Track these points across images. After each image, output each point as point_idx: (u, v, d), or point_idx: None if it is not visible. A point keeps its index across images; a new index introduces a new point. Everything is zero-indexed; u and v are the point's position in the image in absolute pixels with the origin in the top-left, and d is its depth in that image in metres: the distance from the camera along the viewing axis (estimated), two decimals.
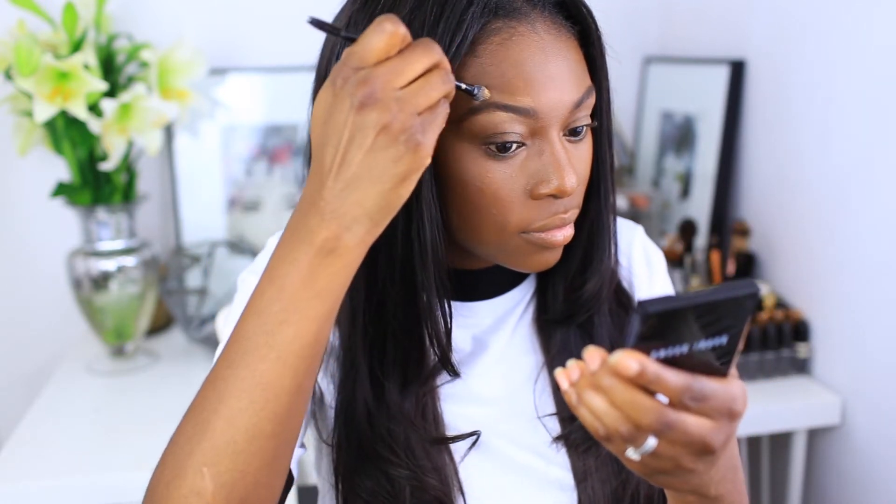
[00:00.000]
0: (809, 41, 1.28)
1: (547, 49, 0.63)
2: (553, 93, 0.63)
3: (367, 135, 0.51)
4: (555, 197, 0.65)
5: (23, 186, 1.57)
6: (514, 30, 0.62)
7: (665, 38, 1.75)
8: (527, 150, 0.64)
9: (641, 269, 0.82)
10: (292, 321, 0.55)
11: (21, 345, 1.61)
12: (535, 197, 0.64)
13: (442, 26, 0.61)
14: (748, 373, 1.30)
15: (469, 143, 0.63)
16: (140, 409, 1.28)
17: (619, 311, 0.78)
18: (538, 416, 0.74)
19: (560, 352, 0.75)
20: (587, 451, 0.73)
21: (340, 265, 0.55)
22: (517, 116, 0.62)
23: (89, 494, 1.09)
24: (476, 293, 0.75)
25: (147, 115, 1.33)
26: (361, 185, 0.53)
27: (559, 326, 0.76)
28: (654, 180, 1.69)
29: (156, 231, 1.64)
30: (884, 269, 1.16)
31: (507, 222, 0.65)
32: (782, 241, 1.37)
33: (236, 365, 0.56)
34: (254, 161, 1.60)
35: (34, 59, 1.25)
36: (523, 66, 0.62)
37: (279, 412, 0.56)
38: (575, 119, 0.65)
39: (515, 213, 0.65)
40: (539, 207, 0.65)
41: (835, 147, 1.23)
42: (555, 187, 0.64)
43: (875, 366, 1.19)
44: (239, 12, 1.61)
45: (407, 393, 0.70)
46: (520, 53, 0.62)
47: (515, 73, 0.62)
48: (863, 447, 1.22)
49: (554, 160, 0.64)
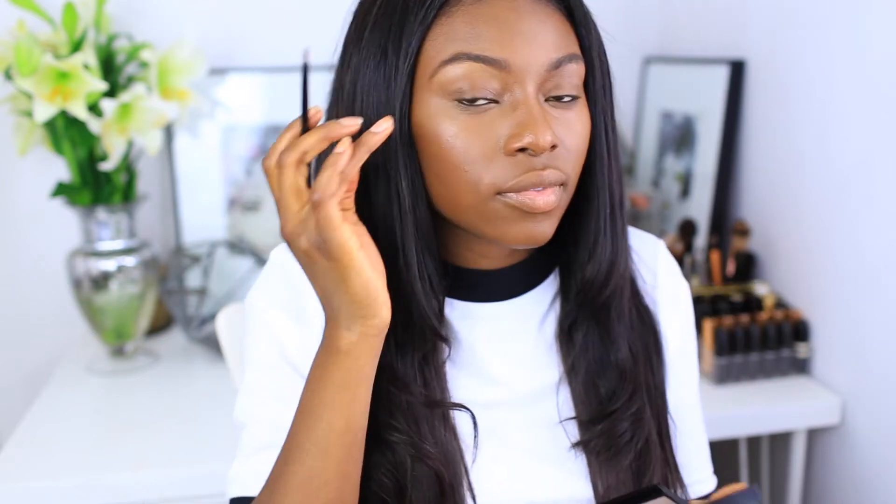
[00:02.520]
0: (809, 41, 1.28)
1: (521, 9, 0.64)
2: (526, 48, 0.63)
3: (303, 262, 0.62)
4: (529, 154, 0.63)
5: (23, 186, 1.57)
6: None
7: (665, 38, 1.75)
8: (500, 107, 0.64)
9: (667, 286, 0.80)
10: (324, 416, 0.63)
11: (21, 345, 1.61)
12: (508, 152, 0.63)
13: None
14: (748, 373, 1.30)
15: (441, 99, 0.64)
16: (140, 409, 1.28)
17: (640, 326, 0.77)
18: (560, 420, 0.74)
19: (581, 355, 0.74)
20: (608, 462, 0.72)
21: (350, 359, 0.62)
22: (488, 67, 0.62)
23: (89, 494, 1.08)
24: (492, 294, 0.74)
25: (147, 115, 1.33)
26: (328, 297, 0.62)
27: (577, 329, 0.74)
28: (654, 180, 1.69)
29: (156, 231, 1.64)
30: (884, 270, 1.16)
31: (480, 180, 0.64)
32: (782, 241, 1.38)
33: (290, 461, 0.64)
34: (254, 161, 1.60)
35: (34, 59, 1.25)
36: (496, 20, 0.63)
37: (330, 499, 0.64)
38: (557, 84, 0.65)
39: (488, 171, 0.64)
40: (513, 165, 0.64)
41: (835, 147, 1.24)
42: (527, 141, 0.62)
43: (875, 366, 1.19)
44: (239, 12, 1.61)
45: (402, 355, 0.70)
46: (491, 10, 0.63)
47: (487, 27, 0.63)
48: (863, 447, 1.22)
49: (527, 112, 0.63)
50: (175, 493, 1.10)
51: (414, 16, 0.63)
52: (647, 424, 0.74)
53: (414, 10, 0.64)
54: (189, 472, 1.10)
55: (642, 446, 0.73)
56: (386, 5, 0.66)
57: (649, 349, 0.77)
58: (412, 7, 0.64)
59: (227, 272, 1.57)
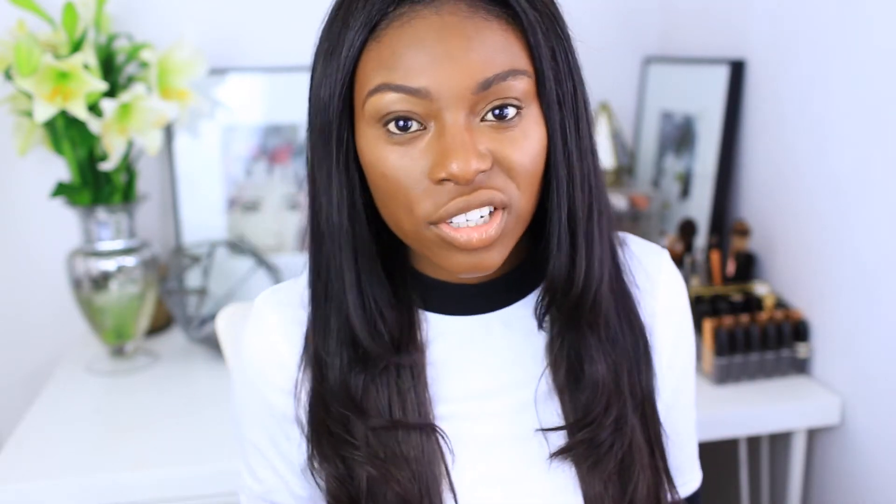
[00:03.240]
0: (809, 41, 1.28)
1: (448, 28, 0.61)
2: (447, 72, 0.60)
3: None
4: (455, 183, 0.61)
5: (23, 186, 1.57)
6: (416, 13, 0.62)
7: (665, 38, 1.75)
8: (427, 133, 0.62)
9: (668, 297, 0.79)
10: None
11: (21, 345, 1.61)
12: (434, 181, 0.62)
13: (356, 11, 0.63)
14: (748, 373, 1.30)
15: (372, 128, 0.63)
16: (140, 409, 1.28)
17: (627, 333, 0.75)
18: (541, 428, 0.73)
19: (558, 366, 0.74)
20: (592, 467, 0.72)
21: None
22: (408, 97, 0.61)
23: (89, 494, 1.08)
24: (476, 307, 0.74)
25: (147, 115, 1.33)
26: None
27: (557, 341, 0.74)
28: (654, 180, 1.69)
29: (156, 231, 1.64)
30: (884, 270, 1.16)
31: (414, 210, 0.63)
32: (782, 241, 1.38)
33: None
34: (254, 161, 1.60)
35: (34, 59, 1.25)
36: (418, 45, 0.61)
37: None
38: (491, 103, 0.62)
39: (421, 200, 0.63)
40: (441, 193, 0.62)
41: (834, 147, 1.24)
42: (449, 170, 0.60)
43: (875, 366, 1.19)
44: (239, 12, 1.61)
45: (352, 373, 0.70)
46: (416, 34, 0.61)
47: (409, 52, 0.61)
48: (863, 447, 1.22)
49: (445, 142, 0.61)
50: (175, 493, 1.10)
51: (348, 40, 0.63)
52: (631, 432, 0.73)
53: (348, 34, 0.63)
54: (189, 472, 1.10)
55: (625, 453, 0.73)
56: (330, 25, 0.66)
57: (637, 357, 0.76)
58: (346, 31, 0.63)
59: (227, 272, 1.57)
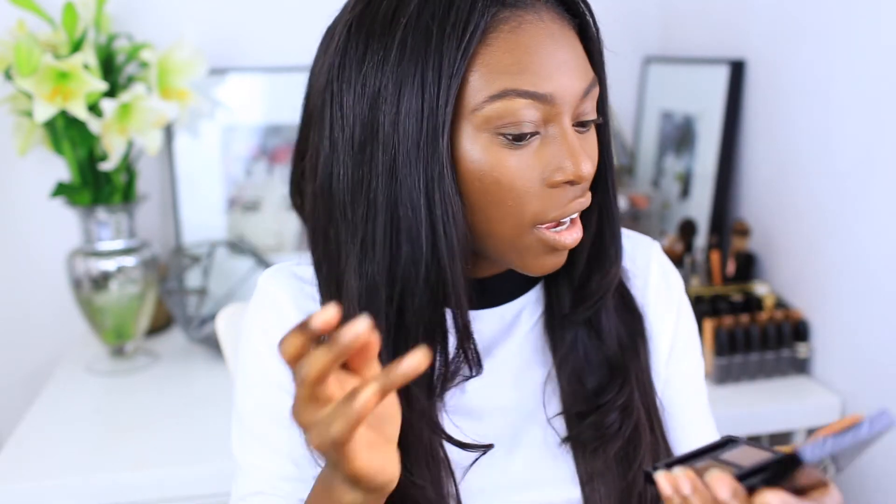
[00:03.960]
0: (809, 41, 1.28)
1: (556, 36, 0.63)
2: (566, 79, 0.63)
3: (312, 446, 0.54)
4: (570, 184, 0.65)
5: (23, 186, 1.57)
6: (521, 18, 0.63)
7: (665, 38, 1.75)
8: (540, 138, 0.64)
9: (659, 285, 0.80)
10: None
11: (21, 345, 1.61)
12: (551, 185, 0.64)
13: (453, 17, 0.61)
14: (748, 373, 1.30)
15: (485, 133, 0.63)
16: (140, 409, 1.28)
17: (626, 315, 0.77)
18: (547, 419, 0.74)
19: (569, 352, 0.75)
20: (594, 452, 0.72)
21: None
22: (535, 102, 0.62)
23: (89, 494, 1.08)
24: (483, 301, 0.74)
25: (147, 115, 1.33)
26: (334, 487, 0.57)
27: (566, 329, 0.75)
28: (654, 180, 1.69)
29: (156, 231, 1.64)
30: (884, 269, 1.16)
31: (524, 213, 0.64)
32: (782, 241, 1.37)
33: None
34: (254, 161, 1.60)
35: (34, 59, 1.25)
36: (537, 52, 0.62)
37: None
38: (583, 111, 0.65)
39: (532, 203, 0.64)
40: (554, 196, 0.65)
41: (835, 147, 1.24)
42: (571, 173, 0.64)
43: (875, 366, 1.19)
44: (239, 12, 1.61)
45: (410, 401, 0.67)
46: (531, 40, 0.62)
47: (530, 59, 0.62)
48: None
49: (569, 146, 0.64)
50: (175, 493, 1.10)
51: (455, 44, 0.61)
52: (637, 411, 0.74)
53: (452, 37, 0.61)
54: (189, 472, 1.10)
55: (631, 433, 0.74)
56: (414, 30, 0.62)
57: (635, 335, 0.77)
58: (449, 33, 0.61)
59: (227, 272, 1.57)
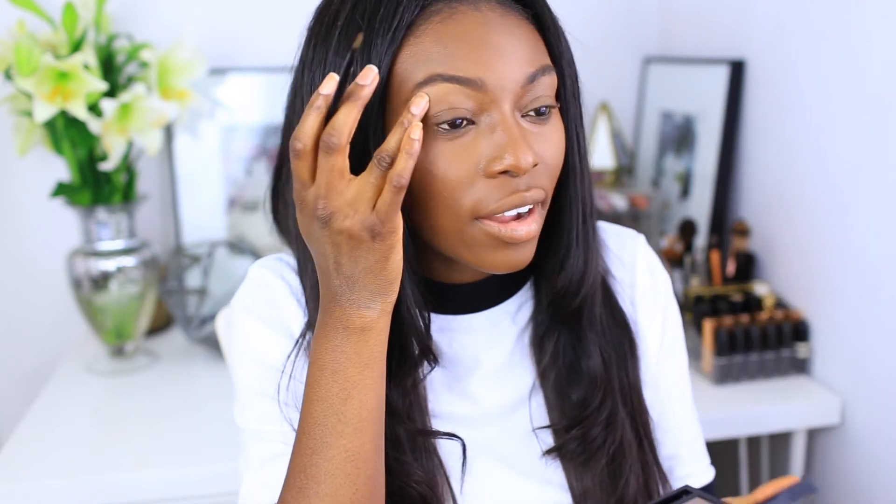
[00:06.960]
0: (809, 41, 1.28)
1: (490, 24, 0.62)
2: (500, 64, 0.61)
3: (340, 242, 0.59)
4: (510, 175, 0.62)
5: (23, 186, 1.57)
6: (454, 9, 0.62)
7: (665, 38, 1.75)
8: (476, 128, 0.62)
9: (646, 283, 0.80)
10: (354, 394, 0.62)
11: (21, 345, 1.61)
12: (489, 175, 0.62)
13: (381, 12, 0.61)
14: (748, 373, 1.30)
15: None
16: (140, 409, 1.28)
17: (613, 327, 0.76)
18: (532, 429, 0.74)
19: (552, 363, 0.74)
20: (584, 464, 0.72)
21: (374, 336, 0.62)
22: (464, 88, 0.61)
23: (89, 494, 1.08)
24: (466, 306, 0.74)
25: (147, 115, 1.33)
26: (358, 277, 0.60)
27: (549, 337, 0.74)
28: (654, 180, 1.69)
29: (156, 231, 1.64)
30: (884, 269, 1.16)
31: (460, 205, 0.62)
32: (782, 241, 1.38)
33: (320, 449, 0.63)
34: (254, 161, 1.60)
35: (34, 59, 1.25)
36: (466, 39, 0.61)
37: (371, 473, 0.63)
38: (534, 98, 0.63)
39: (468, 194, 0.62)
40: (494, 187, 0.62)
41: (834, 147, 1.24)
42: (508, 163, 0.61)
43: (875, 366, 1.19)
44: (239, 12, 1.61)
45: (393, 385, 0.69)
46: (461, 28, 0.61)
47: (458, 45, 0.61)
48: (863, 447, 1.22)
49: (508, 134, 0.61)
50: (175, 493, 1.10)
51: (381, 37, 0.61)
52: (621, 427, 0.74)
53: (380, 30, 0.61)
54: (189, 472, 1.10)
55: (616, 448, 0.73)
56: (348, 24, 0.63)
57: (623, 351, 0.76)
58: (378, 27, 0.61)
59: (227, 272, 1.57)
